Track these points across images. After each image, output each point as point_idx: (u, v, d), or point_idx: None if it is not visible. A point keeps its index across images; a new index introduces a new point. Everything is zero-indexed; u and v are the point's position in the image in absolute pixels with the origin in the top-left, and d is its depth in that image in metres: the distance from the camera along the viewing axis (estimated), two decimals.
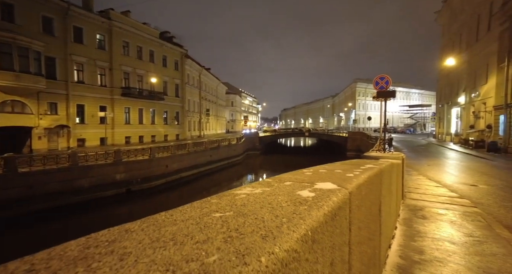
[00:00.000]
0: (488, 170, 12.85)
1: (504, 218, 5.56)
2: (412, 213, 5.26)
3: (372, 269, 1.92)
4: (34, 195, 12.76)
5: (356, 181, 1.49)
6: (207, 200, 0.99)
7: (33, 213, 12.24)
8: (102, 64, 24.42)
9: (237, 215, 0.81)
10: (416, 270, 2.65)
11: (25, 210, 12.19)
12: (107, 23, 24.35)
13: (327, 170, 1.93)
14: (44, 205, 12.86)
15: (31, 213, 12.22)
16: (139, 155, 18.34)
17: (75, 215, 13.24)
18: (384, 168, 2.60)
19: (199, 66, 41.51)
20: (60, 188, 13.75)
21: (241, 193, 1.10)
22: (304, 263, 0.72)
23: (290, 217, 0.82)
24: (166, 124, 32.49)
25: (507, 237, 3.88)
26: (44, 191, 13.09)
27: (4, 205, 11.80)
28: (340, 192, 1.20)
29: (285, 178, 1.49)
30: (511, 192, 8.19)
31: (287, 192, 1.14)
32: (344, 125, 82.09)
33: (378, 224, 2.21)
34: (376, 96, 7.61)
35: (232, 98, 68.65)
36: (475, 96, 25.52)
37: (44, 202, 12.94)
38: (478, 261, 2.94)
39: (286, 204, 0.96)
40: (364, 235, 1.61)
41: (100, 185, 15.52)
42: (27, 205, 12.39)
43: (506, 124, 19.85)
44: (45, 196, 13.07)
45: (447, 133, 33.41)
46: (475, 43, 26.14)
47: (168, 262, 0.51)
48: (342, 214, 1.14)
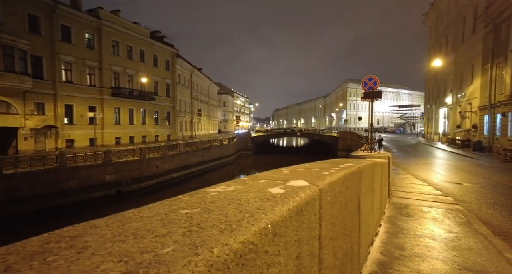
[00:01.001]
0: (472, 168, 13.22)
1: (484, 214, 5.76)
2: (397, 211, 5.39)
3: (349, 264, 1.99)
4: (19, 198, 12.48)
5: (329, 178, 1.55)
6: (178, 197, 1.03)
7: (17, 216, 11.97)
8: (91, 64, 24.05)
9: (203, 211, 0.85)
10: (396, 265, 2.74)
11: (8, 213, 11.90)
12: (96, 22, 24.00)
13: (305, 168, 1.99)
14: (30, 207, 12.60)
15: (15, 216, 11.94)
16: (129, 156, 18.14)
17: (61, 218, 12.99)
18: (364, 166, 2.68)
19: (190, 66, 41.30)
20: (47, 190, 13.49)
21: (213, 191, 1.14)
22: (263, 254, 0.77)
23: (253, 212, 0.86)
24: (157, 125, 32.20)
25: (484, 232, 4.03)
26: (30, 193, 12.82)
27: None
28: (309, 189, 1.25)
29: (261, 177, 1.54)
30: (493, 190, 8.47)
31: (258, 189, 1.19)
32: (335, 125, 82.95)
33: (356, 221, 2.28)
34: (363, 97, 7.75)
35: (224, 98, 68.50)
36: (461, 97, 26.19)
37: (30, 204, 12.67)
38: (455, 256, 3.05)
39: (254, 200, 1.00)
40: (338, 231, 1.67)
41: (89, 186, 15.29)
42: (11, 207, 12.10)
43: (490, 124, 20.43)
44: (31, 198, 12.80)
45: (435, 133, 34.15)
46: (461, 45, 26.82)
47: (124, 253, 0.55)
48: (310, 210, 1.19)
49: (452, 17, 28.90)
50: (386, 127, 70.08)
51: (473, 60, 23.69)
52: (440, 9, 33.18)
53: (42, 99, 20.26)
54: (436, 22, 34.77)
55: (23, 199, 12.54)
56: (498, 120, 19.62)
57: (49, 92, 20.66)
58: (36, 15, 19.66)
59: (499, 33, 19.96)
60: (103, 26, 24.56)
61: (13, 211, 12.03)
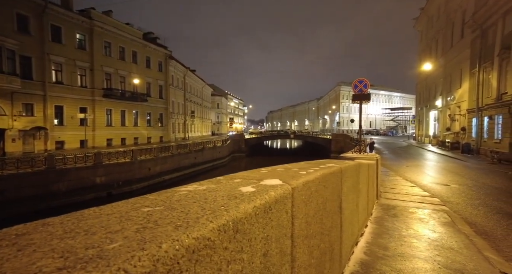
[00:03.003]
0: (461, 170, 13.48)
1: (469, 215, 5.87)
2: (385, 212, 5.45)
3: (328, 263, 2.00)
4: (6, 201, 12.20)
5: (305, 178, 1.57)
6: (145, 196, 1.03)
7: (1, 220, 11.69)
8: (82, 65, 23.76)
9: (165, 209, 0.86)
10: (378, 265, 2.77)
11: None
12: (88, 22, 23.74)
13: (285, 168, 2.01)
14: (16, 210, 12.31)
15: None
16: (120, 158, 17.91)
17: None
18: (347, 167, 2.71)
19: (183, 67, 41.15)
20: (35, 193, 13.22)
21: (183, 190, 1.14)
22: (221, 251, 0.78)
23: (216, 210, 0.87)
24: (150, 126, 31.94)
25: (467, 232, 4.11)
26: (17, 196, 12.54)
27: None
28: (281, 187, 1.26)
29: (237, 176, 1.54)
30: (479, 191, 8.64)
31: (230, 188, 1.20)
32: (328, 127, 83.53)
33: (337, 220, 2.30)
34: (353, 99, 7.85)
35: (218, 100, 68.40)
36: (451, 100, 26.71)
37: (16, 207, 12.38)
38: (436, 255, 3.10)
39: (221, 198, 1.01)
40: (315, 230, 1.68)
41: (79, 189, 15.05)
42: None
43: (478, 127, 20.88)
44: (18, 201, 12.51)
45: (426, 135, 34.70)
46: (450, 49, 27.40)
47: (68, 250, 0.55)
48: (281, 208, 1.20)
49: (442, 22, 29.53)
50: (378, 129, 70.95)
51: (462, 64, 24.22)
52: (430, 14, 33.87)
53: (31, 100, 19.90)
54: (427, 26, 35.48)
55: (9, 202, 12.25)
56: (486, 123, 20.07)
57: (38, 93, 20.31)
58: (25, 14, 19.35)
59: (486, 38, 20.47)
60: (95, 27, 24.31)
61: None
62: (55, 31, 21.35)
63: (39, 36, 20.17)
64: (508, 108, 16.96)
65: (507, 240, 4.36)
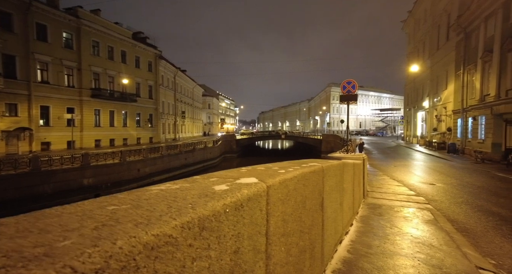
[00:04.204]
0: (446, 169, 13.81)
1: (452, 213, 6.03)
2: (371, 211, 5.54)
3: (308, 261, 2.02)
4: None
5: (282, 176, 1.58)
6: (115, 195, 1.02)
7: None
8: (69, 64, 23.27)
9: (131, 208, 0.85)
10: (360, 263, 2.82)
11: None
12: (75, 21, 23.28)
13: (265, 167, 2.02)
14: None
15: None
16: (109, 159, 17.62)
17: None
18: (329, 166, 2.75)
19: (174, 67, 40.82)
20: (20, 195, 12.87)
21: (155, 189, 1.13)
22: (185, 248, 0.78)
23: (182, 207, 0.87)
24: (139, 127, 31.52)
25: (448, 229, 4.22)
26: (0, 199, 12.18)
27: None
28: (256, 185, 1.27)
29: (215, 175, 1.55)
30: (463, 189, 8.88)
31: (204, 187, 1.20)
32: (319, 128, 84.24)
33: (318, 219, 2.33)
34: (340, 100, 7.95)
35: (209, 101, 68.07)
36: (437, 101, 27.36)
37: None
38: (417, 252, 3.18)
39: (191, 197, 1.01)
40: (293, 228, 1.70)
41: (66, 191, 14.73)
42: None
43: (463, 127, 21.45)
44: (0, 204, 12.15)
45: (414, 135, 35.42)
46: (436, 51, 28.08)
47: (14, 249, 0.54)
48: (254, 206, 1.21)
49: (428, 24, 30.24)
50: (368, 130, 72.02)
51: (447, 66, 24.85)
52: (417, 16, 34.63)
53: (14, 100, 19.36)
54: (414, 29, 36.26)
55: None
56: (470, 123, 20.64)
57: (23, 93, 19.77)
58: (9, 11, 18.82)
59: (470, 41, 21.07)
60: (82, 26, 23.86)
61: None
62: (40, 29, 20.85)
63: (24, 35, 19.65)
64: (490, 110, 17.50)
65: (486, 236, 4.50)
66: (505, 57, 16.61)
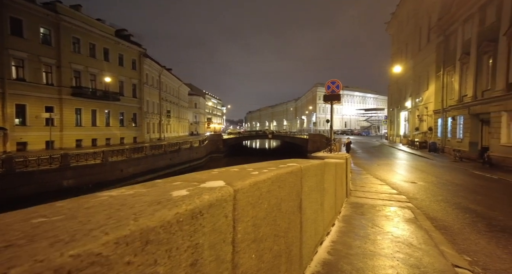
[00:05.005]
0: (427, 168, 14.19)
1: (432, 210, 6.15)
2: (353, 210, 5.56)
3: (284, 265, 1.95)
4: None
5: (254, 178, 1.49)
6: (53, 203, 0.90)
7: None
8: (48, 61, 22.31)
9: (62, 220, 0.74)
10: (340, 264, 2.78)
11: None
12: (53, 16, 22.33)
13: (240, 168, 1.93)
14: None
15: None
16: (90, 159, 17.05)
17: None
18: (309, 166, 2.69)
19: (159, 66, 40.03)
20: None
21: (104, 195, 1.02)
22: (122, 266, 0.67)
23: (123, 218, 0.76)
24: (123, 127, 30.70)
25: (427, 228, 4.28)
26: None
27: None
28: (221, 190, 1.18)
29: (180, 179, 1.44)
30: (442, 187, 9.12)
31: (161, 192, 1.09)
32: (306, 127, 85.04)
33: (296, 221, 2.26)
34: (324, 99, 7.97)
35: (196, 100, 67.27)
36: (419, 101, 28.13)
37: None
38: (396, 251, 3.18)
39: (140, 205, 0.90)
40: (266, 232, 1.62)
41: (44, 193, 14.09)
42: None
43: (443, 127, 22.15)
44: None
45: (397, 135, 36.31)
46: (418, 53, 28.85)
47: None
48: (218, 212, 1.12)
49: (411, 26, 31.04)
50: (352, 130, 73.29)
51: (428, 68, 25.59)
52: (400, 18, 35.48)
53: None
54: (397, 30, 37.13)
55: None
56: (449, 123, 21.33)
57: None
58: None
59: (449, 43, 21.77)
60: (61, 21, 22.93)
61: None
62: (15, 24, 19.85)
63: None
64: (468, 110, 18.14)
65: (462, 233, 4.60)
66: (481, 59, 17.25)
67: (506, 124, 14.74)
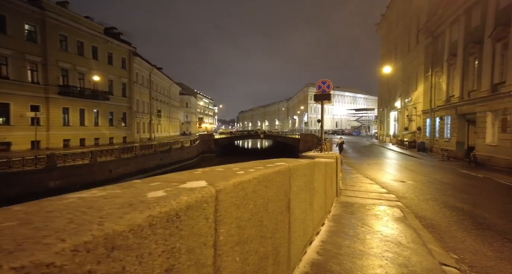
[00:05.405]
0: (416, 167, 14.40)
1: (420, 209, 6.22)
2: (343, 209, 5.56)
3: (271, 267, 1.90)
4: None
5: (238, 178, 1.44)
6: (11, 207, 0.82)
7: None
8: (33, 59, 21.69)
9: (15, 226, 0.66)
10: (329, 265, 2.75)
11: None
12: (39, 13, 21.72)
13: (225, 168, 1.86)
14: None
15: None
16: (78, 159, 16.68)
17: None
18: (297, 165, 2.65)
19: (149, 64, 39.50)
20: None
21: (73, 197, 0.94)
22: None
23: (86, 223, 0.69)
24: (112, 126, 30.15)
25: (416, 226, 4.31)
26: None
27: None
28: (201, 190, 1.12)
29: (159, 179, 1.37)
30: (431, 186, 9.26)
31: (136, 194, 1.02)
32: (297, 127, 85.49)
33: (284, 221, 2.22)
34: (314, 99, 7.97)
35: (187, 99, 66.67)
36: (408, 102, 28.59)
37: None
38: (386, 251, 3.18)
39: (110, 207, 0.84)
40: (251, 234, 1.56)
41: (29, 194, 13.64)
42: None
43: (431, 126, 22.57)
44: None
45: (387, 134, 36.82)
46: (407, 54, 29.32)
47: None
48: (197, 214, 1.05)
49: (400, 28, 31.52)
50: (343, 129, 74.00)
51: (417, 68, 26.03)
52: (390, 20, 35.98)
53: None
54: (387, 31, 37.66)
55: None
56: (437, 123, 21.75)
57: None
58: None
59: (437, 45, 22.20)
60: (47, 18, 22.32)
61: None
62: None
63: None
64: (455, 110, 18.53)
65: (450, 231, 4.65)
66: (467, 61, 17.64)
67: (491, 124, 15.11)
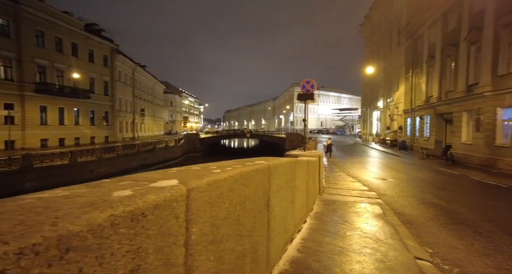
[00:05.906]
0: (397, 165, 14.84)
1: (400, 206, 6.41)
2: (325, 207, 5.65)
3: (249, 266, 1.90)
4: None
5: (213, 177, 1.43)
6: None
7: None
8: (6, 54, 20.64)
9: None
10: (308, 262, 2.78)
11: None
12: (13, 6, 20.70)
13: (201, 167, 1.85)
14: None
15: None
16: (56, 160, 16.06)
17: None
18: (277, 164, 2.66)
19: (132, 62, 38.55)
20: None
21: (30, 198, 0.90)
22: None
23: (37, 224, 0.66)
24: (93, 125, 29.21)
25: (395, 223, 4.45)
26: None
27: None
28: (171, 189, 1.10)
29: (130, 178, 1.34)
30: (410, 183, 9.56)
31: (101, 193, 0.99)
32: (283, 127, 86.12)
33: (263, 219, 2.22)
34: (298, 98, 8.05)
35: (171, 98, 65.59)
36: (390, 102, 29.42)
37: None
38: (364, 247, 3.26)
39: (70, 207, 0.80)
40: (227, 233, 1.55)
41: (2, 196, 12.99)
42: None
43: (412, 126, 23.33)
44: None
45: (370, 134, 37.73)
46: (389, 55, 30.14)
47: None
48: (166, 213, 1.03)
49: (382, 29, 32.34)
50: (328, 129, 75.17)
51: (399, 69, 26.83)
52: (372, 21, 36.84)
53: None
54: (370, 33, 38.53)
55: None
56: (417, 122, 22.51)
57: None
58: None
59: (417, 47, 22.95)
60: (22, 12, 21.30)
61: None
62: None
63: None
64: (434, 110, 19.24)
65: (426, 227, 4.84)
66: (445, 62, 18.35)
67: (466, 123, 15.80)
